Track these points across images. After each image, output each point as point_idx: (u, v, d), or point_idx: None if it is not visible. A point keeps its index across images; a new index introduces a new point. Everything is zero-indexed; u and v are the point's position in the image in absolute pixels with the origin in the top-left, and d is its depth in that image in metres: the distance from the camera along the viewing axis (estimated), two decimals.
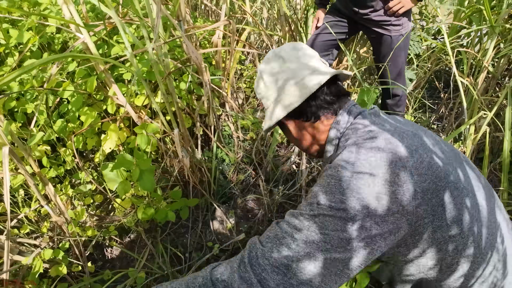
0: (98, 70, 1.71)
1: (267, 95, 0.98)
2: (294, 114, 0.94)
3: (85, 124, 1.69)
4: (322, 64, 0.97)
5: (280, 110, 0.94)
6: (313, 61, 0.96)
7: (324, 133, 0.93)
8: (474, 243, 0.80)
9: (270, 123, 0.98)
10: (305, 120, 0.94)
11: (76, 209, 1.87)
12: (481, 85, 2.25)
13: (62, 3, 1.34)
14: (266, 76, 0.98)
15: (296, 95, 0.91)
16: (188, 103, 2.03)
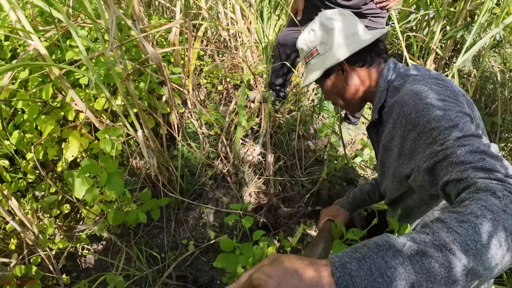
0: (53, 77, 1.65)
1: (327, 41, 1.07)
2: (352, 58, 1.03)
3: (44, 134, 1.63)
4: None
5: (341, 54, 1.03)
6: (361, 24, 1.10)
7: (375, 79, 1.04)
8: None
9: (327, 64, 1.05)
10: (360, 65, 1.05)
11: (43, 222, 1.82)
12: (431, 66, 2.39)
13: (9, 9, 1.29)
14: (326, 26, 1.07)
15: (358, 43, 1.02)
16: (150, 103, 2.01)
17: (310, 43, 1.11)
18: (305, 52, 1.15)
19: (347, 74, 1.06)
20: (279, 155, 2.27)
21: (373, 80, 1.05)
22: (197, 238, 1.91)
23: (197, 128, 2.22)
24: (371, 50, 1.04)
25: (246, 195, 2.11)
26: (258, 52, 2.65)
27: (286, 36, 2.22)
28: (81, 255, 1.78)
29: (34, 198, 1.83)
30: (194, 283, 1.72)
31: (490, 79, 2.37)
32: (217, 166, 2.20)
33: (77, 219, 1.98)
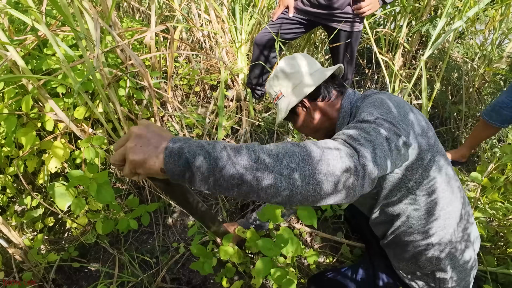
0: (29, 88, 1.61)
1: (288, 84, 1.21)
2: (311, 95, 1.17)
3: (26, 147, 1.59)
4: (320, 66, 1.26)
5: (301, 93, 1.17)
6: (317, 63, 1.25)
7: (336, 108, 1.17)
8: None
9: (290, 105, 1.19)
10: (320, 100, 1.18)
11: (27, 237, 1.77)
12: (399, 59, 2.50)
13: None
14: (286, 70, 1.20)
15: (313, 81, 1.16)
16: (130, 108, 1.99)
17: (275, 87, 1.25)
18: (272, 95, 1.29)
19: (310, 110, 1.20)
20: None
21: (335, 109, 1.18)
22: (186, 240, 1.92)
23: (178, 131, 2.22)
24: (327, 86, 1.18)
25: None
26: (233, 51, 2.67)
27: (263, 36, 2.27)
28: (70, 267, 1.75)
29: (15, 213, 1.78)
30: (188, 284, 1.74)
31: (454, 70, 2.52)
32: None
33: (62, 231, 1.94)
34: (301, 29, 2.27)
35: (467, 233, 1.16)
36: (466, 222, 1.16)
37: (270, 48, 2.29)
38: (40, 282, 1.60)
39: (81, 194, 1.72)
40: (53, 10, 2.06)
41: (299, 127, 1.30)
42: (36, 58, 1.74)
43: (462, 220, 1.14)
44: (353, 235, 1.93)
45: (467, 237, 1.16)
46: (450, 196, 1.08)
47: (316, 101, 1.19)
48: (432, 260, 1.14)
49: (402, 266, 1.25)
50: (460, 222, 1.13)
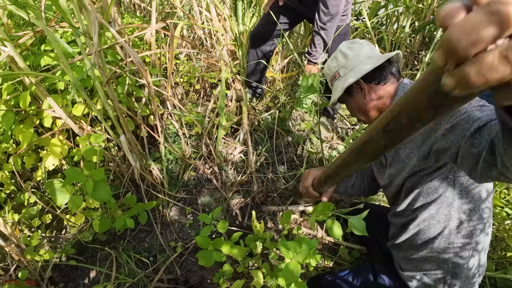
0: (27, 84, 1.60)
1: (347, 65, 1.25)
2: (367, 77, 1.21)
3: (24, 144, 1.58)
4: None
5: (357, 74, 1.21)
6: (377, 49, 1.29)
7: (391, 94, 1.21)
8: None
9: (346, 84, 1.22)
10: (376, 83, 1.21)
11: (24, 234, 1.76)
12: (402, 60, 2.48)
13: None
14: (347, 53, 1.26)
15: (371, 64, 1.19)
16: (128, 106, 1.98)
17: (333, 68, 1.31)
18: (330, 75, 1.35)
19: (365, 92, 1.23)
20: (260, 152, 2.30)
21: (390, 95, 1.21)
22: (184, 239, 1.91)
23: (177, 129, 2.20)
24: (384, 70, 1.21)
25: (230, 193, 2.13)
26: (234, 49, 2.66)
27: (257, 30, 2.27)
28: (67, 265, 1.74)
29: (12, 209, 1.76)
30: (185, 284, 1.73)
31: None
32: (200, 166, 2.20)
33: (59, 228, 1.93)
34: (292, 18, 2.27)
35: (483, 241, 1.16)
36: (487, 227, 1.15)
37: (264, 40, 2.29)
38: (37, 279, 1.59)
39: (78, 192, 1.71)
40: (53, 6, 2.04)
41: (352, 109, 1.34)
42: (34, 54, 1.73)
43: (488, 226, 1.15)
44: (352, 238, 1.92)
45: (482, 246, 1.15)
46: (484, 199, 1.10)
47: (372, 84, 1.22)
48: (449, 263, 1.15)
49: (411, 267, 1.26)
50: (486, 228, 1.14)
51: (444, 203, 1.11)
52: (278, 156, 2.36)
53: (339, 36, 2.17)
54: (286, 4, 2.23)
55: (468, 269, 1.15)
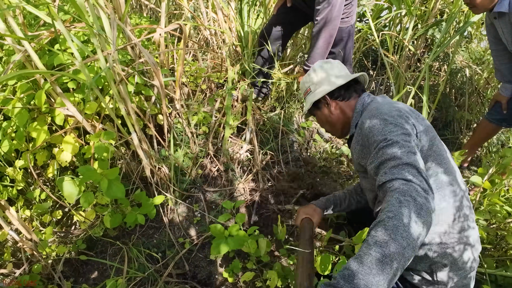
0: (41, 83, 1.63)
1: (317, 82, 1.42)
2: (334, 94, 1.39)
3: (38, 141, 1.61)
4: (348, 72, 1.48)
5: (325, 91, 1.38)
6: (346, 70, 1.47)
7: (352, 108, 1.37)
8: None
9: (314, 98, 1.41)
10: (340, 99, 1.39)
11: (35, 229, 1.80)
12: (404, 62, 2.53)
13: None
14: (318, 72, 1.43)
15: (336, 84, 1.37)
16: (138, 104, 2.02)
17: (306, 83, 1.49)
18: (303, 90, 1.52)
19: (330, 106, 1.40)
20: (266, 151, 2.34)
21: (351, 109, 1.38)
22: (192, 235, 1.95)
23: (185, 128, 2.24)
24: (349, 89, 1.39)
25: (236, 191, 2.17)
26: (239, 50, 2.69)
27: (266, 30, 2.31)
28: (78, 259, 1.78)
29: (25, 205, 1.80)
30: (193, 279, 1.77)
31: (458, 74, 2.55)
32: (207, 164, 2.24)
33: (69, 224, 1.97)
34: (298, 20, 2.31)
35: (465, 235, 1.19)
36: (463, 224, 1.19)
37: (274, 40, 2.34)
38: (49, 273, 1.62)
39: (89, 188, 1.75)
40: (65, 6, 2.08)
41: (320, 120, 1.50)
42: (48, 53, 1.76)
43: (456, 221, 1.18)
44: None
45: (466, 240, 1.19)
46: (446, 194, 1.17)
47: (337, 100, 1.39)
48: (425, 258, 1.19)
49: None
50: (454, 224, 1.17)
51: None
52: (283, 155, 2.40)
53: (342, 38, 2.21)
54: (294, 5, 2.28)
55: (464, 262, 1.18)
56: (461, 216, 1.18)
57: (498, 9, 1.83)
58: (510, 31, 1.89)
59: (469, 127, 2.62)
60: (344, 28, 2.18)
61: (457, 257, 1.18)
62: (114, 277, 1.69)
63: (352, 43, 2.33)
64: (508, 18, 1.85)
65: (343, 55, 2.33)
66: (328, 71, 1.42)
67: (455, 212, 1.17)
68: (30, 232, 1.46)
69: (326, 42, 2.08)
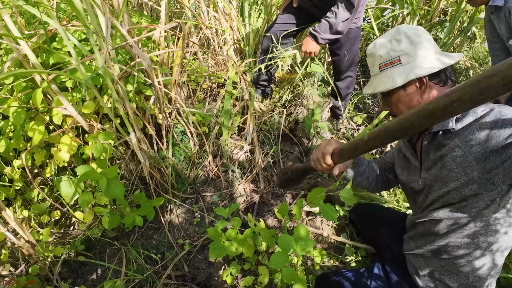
0: (39, 82, 1.62)
1: (413, 53, 1.08)
2: (432, 76, 1.08)
3: (35, 141, 1.59)
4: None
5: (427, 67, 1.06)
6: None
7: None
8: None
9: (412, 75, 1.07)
10: (436, 83, 1.09)
11: (33, 230, 1.78)
12: None
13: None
14: (414, 39, 1.08)
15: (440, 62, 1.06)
16: (137, 104, 2.00)
17: (393, 51, 1.11)
18: (384, 59, 1.13)
19: (425, 89, 1.09)
20: (267, 151, 2.32)
21: None
22: (191, 237, 1.93)
23: (185, 128, 2.22)
24: (447, 72, 1.10)
25: (236, 192, 2.15)
26: (240, 49, 2.67)
27: (273, 29, 2.29)
28: (75, 260, 1.76)
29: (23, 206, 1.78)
30: (193, 281, 1.75)
31: (462, 74, 2.51)
32: (207, 165, 2.22)
33: (68, 224, 1.95)
34: (305, 19, 2.29)
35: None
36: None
37: (279, 40, 2.31)
38: (46, 275, 1.61)
39: (88, 189, 1.73)
40: (61, 4, 2.06)
41: (398, 103, 1.15)
42: (45, 52, 1.75)
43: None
44: (358, 237, 1.93)
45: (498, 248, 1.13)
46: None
47: (433, 82, 1.09)
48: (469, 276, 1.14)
49: (429, 278, 1.25)
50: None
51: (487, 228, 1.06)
52: (283, 154, 2.37)
53: (349, 40, 2.19)
54: (300, 5, 2.25)
55: (484, 280, 1.14)
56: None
57: (494, 3, 1.79)
58: (506, 26, 1.86)
59: None
60: (351, 30, 2.16)
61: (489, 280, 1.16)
62: (113, 278, 1.68)
63: (358, 45, 2.30)
64: (504, 13, 1.81)
65: (349, 57, 2.30)
66: (426, 43, 1.09)
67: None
68: (27, 233, 1.44)
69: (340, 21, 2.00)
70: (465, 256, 1.12)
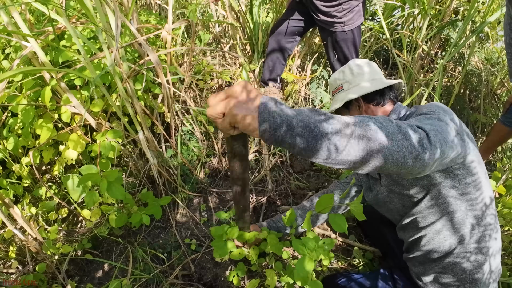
0: (48, 79, 1.61)
1: (351, 81, 1.34)
2: (368, 97, 1.30)
3: (43, 138, 1.59)
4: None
5: (359, 92, 1.29)
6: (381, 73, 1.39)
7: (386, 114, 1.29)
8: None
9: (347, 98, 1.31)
10: (374, 104, 1.29)
11: (41, 227, 1.79)
12: (418, 62, 2.46)
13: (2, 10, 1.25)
14: (354, 70, 1.34)
15: (374, 86, 1.28)
16: (146, 103, 1.99)
17: (339, 80, 1.39)
18: (333, 86, 1.43)
19: (362, 109, 1.31)
20: (275, 151, 2.31)
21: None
22: (199, 236, 1.92)
23: (193, 126, 2.21)
24: (384, 94, 1.29)
25: None
26: (249, 47, 2.66)
27: (278, 25, 2.27)
28: (82, 258, 1.76)
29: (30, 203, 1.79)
30: (199, 281, 1.74)
31: (474, 75, 2.47)
32: (215, 164, 2.21)
33: (75, 222, 1.95)
34: (309, 17, 2.26)
35: (493, 246, 1.15)
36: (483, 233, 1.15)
37: (284, 37, 2.29)
38: (53, 272, 1.61)
39: (95, 188, 1.73)
40: (71, 2, 2.06)
41: None
42: (54, 49, 1.75)
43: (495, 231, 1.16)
44: (365, 240, 1.92)
45: (492, 251, 1.15)
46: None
47: (370, 104, 1.30)
48: (466, 271, 1.16)
49: (429, 279, 1.26)
50: (493, 233, 1.15)
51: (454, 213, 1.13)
52: (290, 154, 2.36)
53: (337, 42, 2.15)
54: (302, 2, 2.22)
55: (483, 274, 1.15)
56: (481, 225, 1.14)
57: None
58: None
59: (484, 130, 2.55)
60: (337, 33, 2.14)
61: (485, 267, 1.15)
62: (119, 277, 1.68)
63: (349, 50, 2.25)
64: None
65: (340, 59, 2.26)
66: (364, 72, 1.34)
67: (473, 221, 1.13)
68: (34, 231, 1.44)
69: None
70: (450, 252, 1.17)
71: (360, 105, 1.31)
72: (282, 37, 2.29)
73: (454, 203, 1.11)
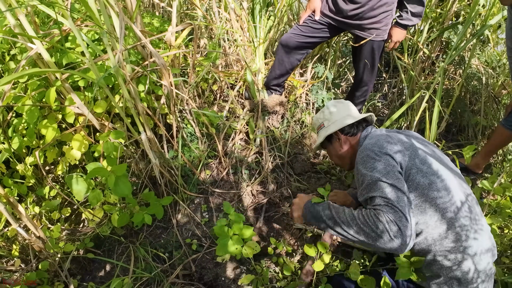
0: (52, 81, 1.64)
1: (330, 118, 1.60)
2: (344, 130, 1.55)
3: (48, 139, 1.62)
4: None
5: (336, 127, 1.55)
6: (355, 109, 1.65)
7: (357, 142, 1.53)
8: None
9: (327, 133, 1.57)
10: (350, 135, 1.55)
11: (44, 226, 1.81)
12: (418, 65, 2.48)
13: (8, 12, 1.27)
14: (331, 109, 1.61)
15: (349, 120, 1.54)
16: (148, 104, 2.01)
17: (320, 119, 1.66)
18: (317, 125, 1.69)
19: (341, 141, 1.57)
20: (276, 153, 2.32)
21: (357, 143, 1.54)
22: (200, 236, 1.94)
23: (194, 128, 2.23)
24: (357, 125, 1.55)
25: (244, 194, 2.15)
26: (251, 51, 2.68)
27: (289, 38, 2.27)
28: (84, 257, 1.78)
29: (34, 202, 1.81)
30: (200, 281, 1.76)
31: (474, 78, 2.48)
32: (216, 165, 2.23)
33: (78, 221, 1.97)
34: (326, 33, 2.25)
35: (462, 246, 1.17)
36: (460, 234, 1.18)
37: (295, 50, 2.29)
38: (56, 271, 1.63)
39: (98, 187, 1.75)
40: (76, 4, 2.09)
41: (331, 154, 1.68)
42: (59, 51, 1.77)
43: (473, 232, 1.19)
44: None
45: (463, 249, 1.18)
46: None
47: (347, 135, 1.55)
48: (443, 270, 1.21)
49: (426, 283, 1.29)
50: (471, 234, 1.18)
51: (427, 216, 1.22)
52: (292, 156, 2.37)
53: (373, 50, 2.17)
54: (324, 19, 2.21)
55: (464, 272, 1.18)
56: (456, 226, 1.19)
57: None
58: None
59: (484, 133, 2.56)
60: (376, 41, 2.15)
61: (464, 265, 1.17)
62: (121, 276, 1.70)
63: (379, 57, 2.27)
64: None
65: (369, 66, 2.27)
66: (340, 110, 1.59)
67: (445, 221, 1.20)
68: (38, 230, 1.46)
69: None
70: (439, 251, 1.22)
71: (339, 137, 1.56)
72: (291, 50, 2.29)
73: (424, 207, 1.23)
